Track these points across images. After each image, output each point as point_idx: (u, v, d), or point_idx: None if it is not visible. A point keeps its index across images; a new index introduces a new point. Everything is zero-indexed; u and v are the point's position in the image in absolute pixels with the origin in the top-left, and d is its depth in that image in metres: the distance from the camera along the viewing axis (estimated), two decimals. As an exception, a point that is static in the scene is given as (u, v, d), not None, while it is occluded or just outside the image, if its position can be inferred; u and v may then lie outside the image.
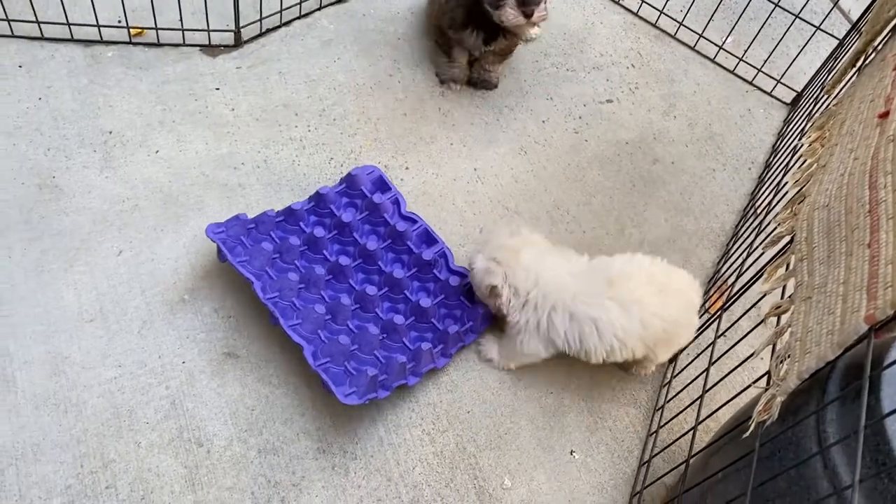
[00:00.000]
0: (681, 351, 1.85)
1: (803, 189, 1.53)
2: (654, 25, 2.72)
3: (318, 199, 1.94)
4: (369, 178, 2.00)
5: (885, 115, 1.28)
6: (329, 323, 1.78)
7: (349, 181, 1.98)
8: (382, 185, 2.01)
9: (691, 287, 1.73)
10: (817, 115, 2.05)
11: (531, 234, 1.79)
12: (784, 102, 2.60)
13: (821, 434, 1.15)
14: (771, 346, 1.36)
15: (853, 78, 1.78)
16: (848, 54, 1.84)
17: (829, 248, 1.25)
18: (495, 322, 1.88)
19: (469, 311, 1.85)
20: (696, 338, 1.89)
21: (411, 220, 1.97)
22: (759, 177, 2.36)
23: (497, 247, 1.74)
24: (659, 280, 1.67)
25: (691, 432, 1.56)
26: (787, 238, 1.47)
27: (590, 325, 1.65)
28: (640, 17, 2.73)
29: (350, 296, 1.84)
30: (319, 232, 1.88)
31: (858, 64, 1.77)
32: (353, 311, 1.82)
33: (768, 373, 1.32)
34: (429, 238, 1.96)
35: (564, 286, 1.67)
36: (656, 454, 1.73)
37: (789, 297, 1.34)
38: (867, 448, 1.09)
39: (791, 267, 1.38)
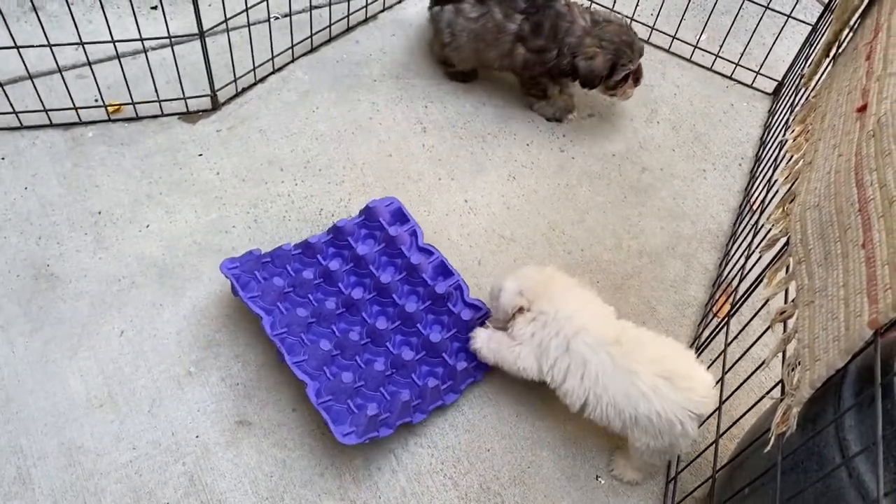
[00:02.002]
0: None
1: (792, 187, 1.52)
2: (626, 33, 2.71)
3: (336, 231, 1.95)
4: (388, 209, 2.01)
5: (862, 109, 1.27)
6: (337, 358, 1.78)
7: (367, 213, 1.99)
8: (401, 216, 2.02)
9: (702, 394, 1.55)
10: (798, 108, 2.04)
11: (557, 272, 1.77)
12: (766, 93, 2.59)
13: (841, 442, 1.13)
14: (781, 354, 1.34)
15: (829, 67, 1.77)
16: (820, 44, 1.83)
17: (824, 250, 1.23)
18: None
19: None
20: (707, 344, 1.87)
21: (428, 252, 1.97)
22: (751, 171, 2.35)
23: (526, 277, 1.72)
24: (668, 366, 1.55)
25: (714, 445, 1.54)
26: (783, 240, 1.46)
27: (579, 364, 1.60)
28: (612, 26, 2.73)
29: (362, 329, 1.84)
30: (335, 265, 1.90)
31: (832, 53, 1.76)
32: (363, 346, 1.82)
33: (782, 381, 1.30)
34: (445, 270, 1.95)
35: (574, 317, 1.64)
36: (682, 469, 1.71)
37: (793, 301, 1.33)
38: (890, 453, 1.07)
39: (790, 270, 1.36)
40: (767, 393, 1.39)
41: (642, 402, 1.53)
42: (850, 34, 1.73)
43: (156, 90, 2.23)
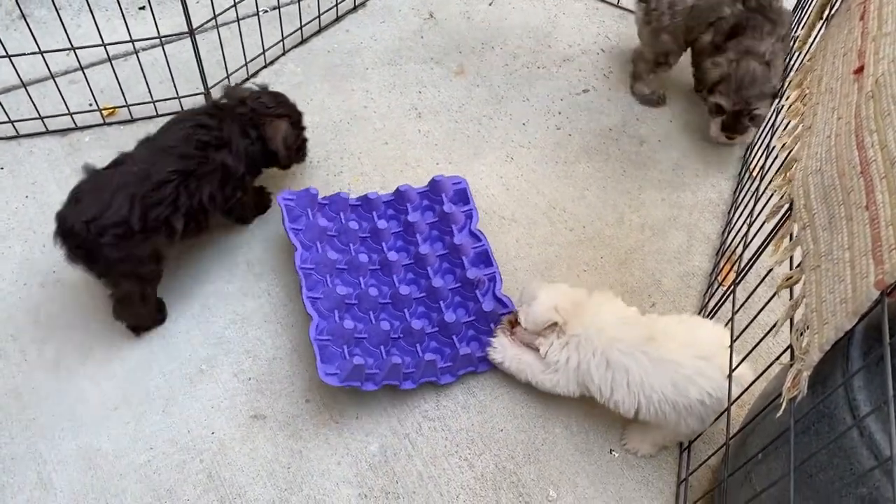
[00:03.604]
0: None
1: (793, 153, 1.52)
2: (616, 6, 2.71)
3: (398, 195, 2.02)
4: (453, 187, 2.04)
5: (860, 71, 1.27)
6: (353, 308, 1.84)
7: (432, 186, 2.04)
8: (464, 197, 2.05)
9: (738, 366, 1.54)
10: (793, 71, 2.04)
11: (583, 291, 1.74)
12: (760, 59, 2.58)
13: (851, 402, 1.14)
14: (789, 319, 1.34)
15: (822, 30, 1.77)
16: (813, 6, 1.82)
17: (828, 214, 1.23)
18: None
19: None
20: (714, 313, 1.88)
21: (476, 237, 1.99)
22: (749, 138, 2.34)
23: (561, 292, 1.70)
24: (702, 346, 1.57)
25: (726, 413, 1.55)
26: (786, 206, 1.46)
27: (622, 373, 1.60)
28: (602, 0, 2.72)
29: (388, 291, 1.89)
30: (382, 224, 1.96)
31: (825, 15, 1.76)
32: (382, 305, 1.86)
33: (791, 346, 1.31)
34: (486, 259, 1.96)
35: (605, 330, 1.63)
36: (695, 439, 1.72)
37: (798, 266, 1.33)
38: (901, 411, 1.07)
39: (795, 236, 1.37)
40: (777, 359, 1.40)
41: (692, 388, 1.54)
42: (843, -5, 1.72)
43: (149, 91, 2.23)
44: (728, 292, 1.81)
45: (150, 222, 1.64)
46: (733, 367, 1.61)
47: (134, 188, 1.63)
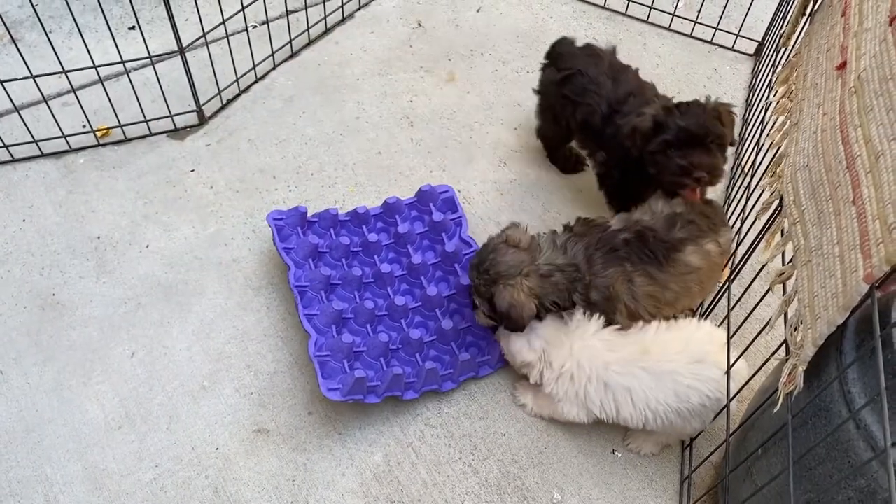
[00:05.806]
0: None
1: (781, 149, 1.53)
2: (603, 7, 2.72)
3: (387, 207, 2.03)
4: (441, 196, 2.05)
5: (842, 67, 1.28)
6: (350, 322, 1.85)
7: (420, 196, 2.05)
8: (452, 205, 2.06)
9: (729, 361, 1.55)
10: (780, 68, 2.05)
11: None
12: (748, 55, 2.59)
13: (846, 395, 1.15)
14: (783, 314, 1.36)
15: (806, 25, 1.78)
16: (796, 2, 1.84)
17: (817, 209, 1.25)
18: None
19: (492, 345, 1.85)
20: (711, 309, 1.89)
21: (468, 243, 2.00)
22: (740, 134, 2.35)
23: (538, 327, 1.69)
24: (695, 349, 1.58)
25: (725, 409, 1.56)
26: (777, 202, 1.47)
27: (623, 393, 1.61)
28: (589, 3, 2.74)
29: (384, 303, 1.90)
30: (373, 237, 1.97)
31: (808, 11, 1.77)
32: (378, 317, 1.87)
33: (786, 341, 1.32)
34: None
35: (597, 354, 1.63)
36: (696, 436, 1.73)
37: (790, 262, 1.34)
38: (895, 402, 1.08)
39: (786, 232, 1.38)
40: (773, 353, 1.41)
41: (693, 395, 1.55)
42: (825, -10, 1.73)
43: (142, 110, 2.24)
44: (723, 288, 1.83)
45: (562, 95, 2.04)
46: (731, 363, 1.62)
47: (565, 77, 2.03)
